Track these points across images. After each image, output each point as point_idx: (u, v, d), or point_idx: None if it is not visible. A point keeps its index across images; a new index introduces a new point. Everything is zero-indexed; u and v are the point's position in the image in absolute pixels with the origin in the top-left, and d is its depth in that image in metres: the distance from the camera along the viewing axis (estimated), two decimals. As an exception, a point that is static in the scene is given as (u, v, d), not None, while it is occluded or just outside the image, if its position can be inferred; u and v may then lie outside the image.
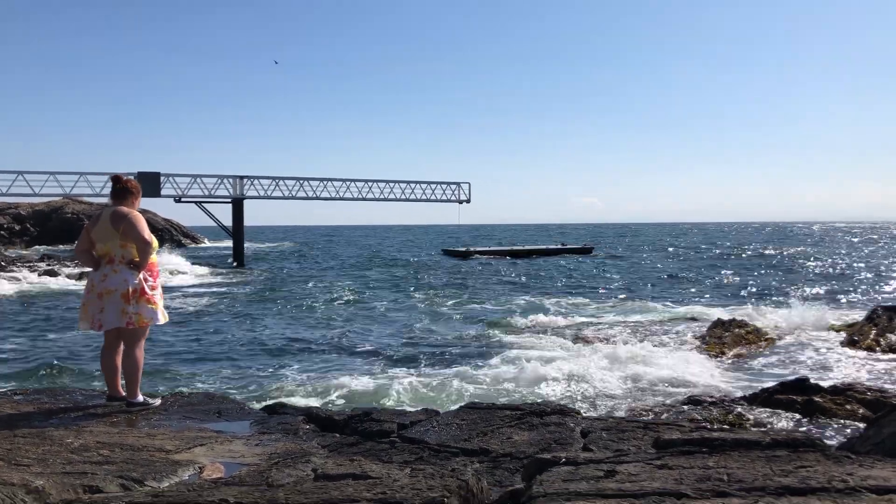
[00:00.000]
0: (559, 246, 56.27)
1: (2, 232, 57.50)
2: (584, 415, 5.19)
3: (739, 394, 9.33)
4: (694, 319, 17.52)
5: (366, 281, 31.63)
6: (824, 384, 9.07)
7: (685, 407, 8.78)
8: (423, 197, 50.80)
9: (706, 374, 11.31)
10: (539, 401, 7.21)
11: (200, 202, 43.71)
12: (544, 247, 56.07)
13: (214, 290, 27.21)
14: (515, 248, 55.12)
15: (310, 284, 29.71)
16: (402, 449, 4.55)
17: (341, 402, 9.84)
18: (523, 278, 31.75)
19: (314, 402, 9.43)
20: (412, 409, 5.89)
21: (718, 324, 14.89)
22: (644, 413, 8.42)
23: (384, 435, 4.91)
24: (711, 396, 9.09)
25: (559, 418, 4.95)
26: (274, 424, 5.20)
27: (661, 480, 2.86)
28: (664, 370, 11.41)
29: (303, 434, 4.97)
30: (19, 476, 3.67)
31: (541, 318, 18.01)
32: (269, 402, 6.96)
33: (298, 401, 9.41)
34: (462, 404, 5.68)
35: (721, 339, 13.86)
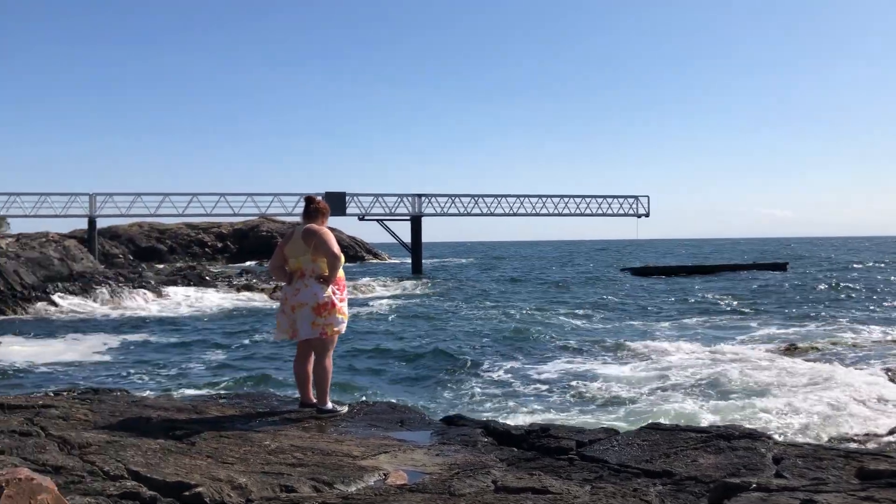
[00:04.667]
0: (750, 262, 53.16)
1: (206, 249, 62.90)
2: (776, 440, 4.87)
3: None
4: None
5: (547, 296, 31.55)
6: None
7: (892, 437, 8.04)
8: (599, 211, 50.09)
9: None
10: (726, 423, 6.87)
11: (382, 220, 45.63)
12: (733, 263, 53.29)
13: (396, 302, 28.21)
14: (701, 264, 52.88)
15: (490, 299, 30.06)
16: (581, 467, 4.49)
17: (518, 415, 9.86)
18: (717, 299, 30.38)
19: (491, 415, 9.51)
20: (591, 428, 5.80)
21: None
22: (845, 441, 7.79)
23: (562, 452, 4.87)
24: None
25: (748, 442, 4.69)
26: (453, 436, 5.30)
27: (867, 514, 2.65)
28: (865, 394, 10.50)
29: (481, 446, 5.03)
30: (225, 473, 3.99)
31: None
32: (449, 413, 7.11)
33: (476, 413, 9.54)
34: (643, 425, 5.52)
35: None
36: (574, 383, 12.32)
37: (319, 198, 6.28)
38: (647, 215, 50.46)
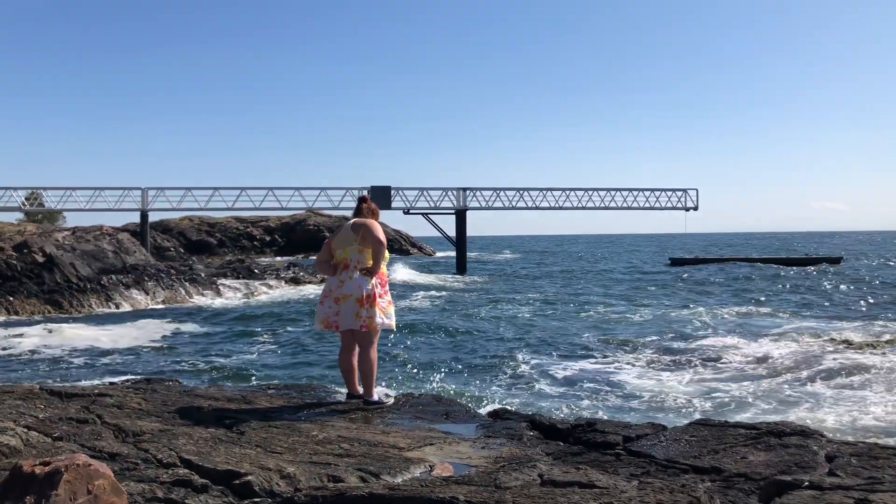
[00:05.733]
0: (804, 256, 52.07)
1: (255, 243, 63.78)
2: (829, 437, 4.77)
3: None
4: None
5: (590, 289, 31.32)
6: None
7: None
8: (647, 205, 49.44)
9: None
10: (777, 419, 6.74)
11: (427, 214, 45.70)
12: (785, 256, 52.25)
13: (439, 296, 28.28)
14: (751, 257, 52.00)
15: (533, 293, 29.96)
16: (628, 462, 4.45)
17: (561, 408, 9.82)
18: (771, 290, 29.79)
19: (535, 408, 9.48)
20: (637, 423, 5.75)
21: None
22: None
23: (609, 447, 4.83)
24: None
25: (800, 440, 4.59)
26: (499, 429, 5.30)
27: (924, 514, 2.58)
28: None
29: (527, 440, 5.03)
30: (274, 462, 4.06)
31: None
32: (494, 406, 7.11)
33: (519, 408, 9.52)
34: (691, 420, 5.45)
35: None
36: (618, 378, 12.22)
37: (372, 203, 6.35)
38: (695, 209, 49.62)
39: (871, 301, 24.69)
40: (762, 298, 26.29)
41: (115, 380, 8.17)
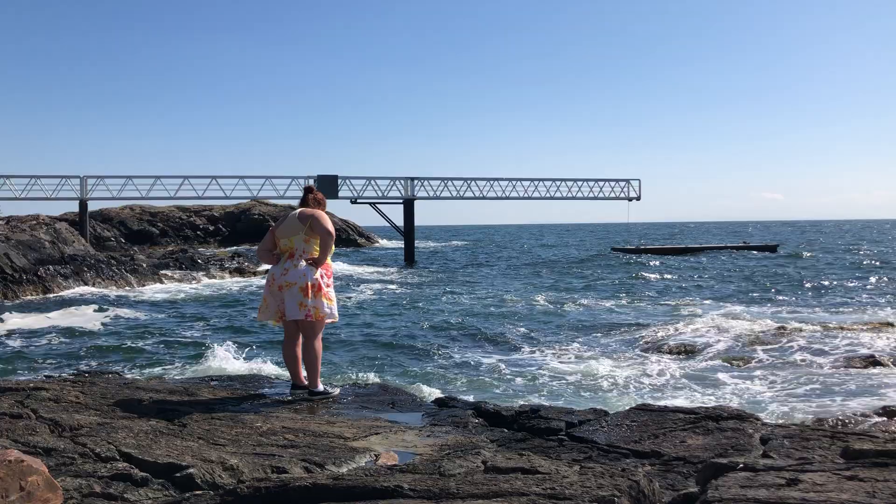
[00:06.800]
0: (741, 244, 53.63)
1: (198, 232, 62.64)
2: (763, 421, 4.93)
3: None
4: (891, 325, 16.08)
5: (534, 278, 31.61)
6: None
7: (878, 417, 8.13)
8: (591, 195, 50.06)
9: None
10: (715, 404, 6.93)
11: (374, 203, 45.48)
12: (724, 245, 53.73)
13: (387, 287, 28.23)
14: (691, 245, 53.26)
15: (480, 282, 30.12)
16: (571, 447, 4.53)
17: (506, 396, 9.91)
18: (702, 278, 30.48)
19: (481, 397, 9.56)
20: (580, 409, 5.84)
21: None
22: (831, 421, 7.87)
23: (552, 433, 4.91)
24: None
25: (737, 423, 4.74)
26: (444, 417, 5.34)
27: (850, 492, 2.69)
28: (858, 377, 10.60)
29: (472, 427, 5.07)
30: (217, 454, 4.02)
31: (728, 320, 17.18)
32: (440, 395, 7.14)
33: (463, 391, 9.58)
34: (632, 405, 5.57)
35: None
36: (556, 366, 12.38)
37: (319, 191, 6.30)
38: (638, 199, 50.44)
39: (805, 287, 25.48)
40: (698, 286, 26.90)
41: (52, 373, 7.97)
